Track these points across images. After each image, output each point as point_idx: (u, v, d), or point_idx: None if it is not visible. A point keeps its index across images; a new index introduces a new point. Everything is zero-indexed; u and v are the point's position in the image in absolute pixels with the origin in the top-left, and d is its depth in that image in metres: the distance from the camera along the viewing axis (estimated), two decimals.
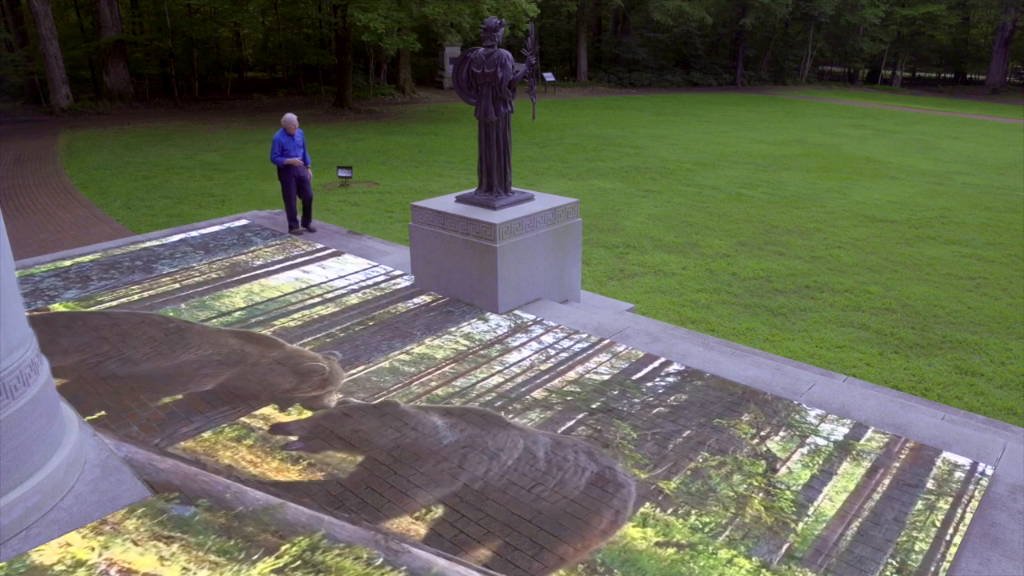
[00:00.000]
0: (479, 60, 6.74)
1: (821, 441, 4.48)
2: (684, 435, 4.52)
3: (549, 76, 36.17)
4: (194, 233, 8.52)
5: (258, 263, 7.56)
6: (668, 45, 43.56)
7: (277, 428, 4.64)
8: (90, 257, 7.67)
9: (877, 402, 5.25)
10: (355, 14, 21.65)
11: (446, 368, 5.36)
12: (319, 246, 8.15)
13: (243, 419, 4.74)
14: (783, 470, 4.19)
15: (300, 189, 9.34)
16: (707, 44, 44.63)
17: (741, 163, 18.43)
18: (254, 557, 3.49)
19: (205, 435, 4.55)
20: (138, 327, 6.04)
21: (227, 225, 8.88)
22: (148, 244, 8.15)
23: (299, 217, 9.70)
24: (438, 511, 3.81)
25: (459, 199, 7.32)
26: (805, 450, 4.39)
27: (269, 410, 4.84)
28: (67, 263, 7.48)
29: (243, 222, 8.91)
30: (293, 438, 4.50)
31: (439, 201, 7.41)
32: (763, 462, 4.26)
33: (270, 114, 26.05)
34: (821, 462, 4.27)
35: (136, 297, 6.65)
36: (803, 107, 33.20)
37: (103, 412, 4.76)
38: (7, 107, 25.61)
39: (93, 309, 6.31)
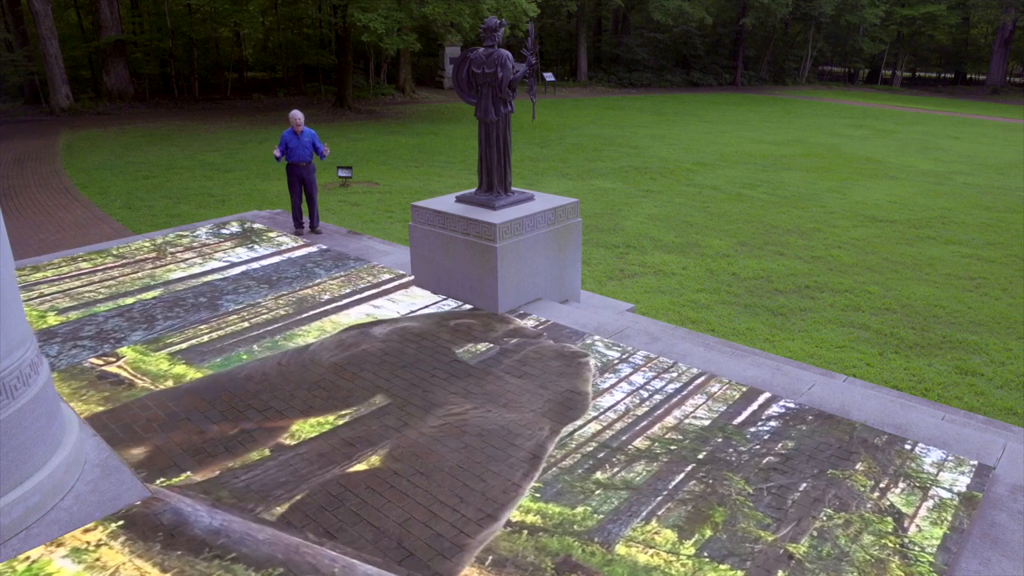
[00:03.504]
0: (479, 60, 6.74)
1: (945, 493, 4.20)
2: (801, 488, 4.23)
3: (549, 76, 36.18)
4: (255, 265, 8.11)
5: (325, 297, 7.22)
6: (668, 45, 43.57)
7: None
8: (153, 294, 7.27)
9: (877, 402, 5.25)
10: (355, 14, 21.66)
11: None
12: (385, 277, 7.77)
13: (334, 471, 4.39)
14: (912, 528, 3.90)
15: (304, 188, 9.36)
16: (707, 44, 44.62)
17: (741, 163, 18.43)
18: None
19: (299, 496, 4.18)
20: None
21: (288, 256, 8.49)
22: (210, 278, 7.72)
23: (305, 219, 9.73)
24: None
25: (459, 199, 7.33)
26: (930, 504, 4.11)
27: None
28: (130, 301, 7.09)
29: (304, 252, 8.49)
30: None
31: (439, 201, 7.41)
32: (890, 519, 3.97)
33: (270, 114, 26.06)
34: (950, 519, 3.99)
35: (206, 338, 6.24)
36: (803, 107, 33.20)
37: (188, 473, 4.37)
38: (7, 107, 25.61)
39: (164, 353, 5.99)
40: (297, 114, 8.98)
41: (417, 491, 4.21)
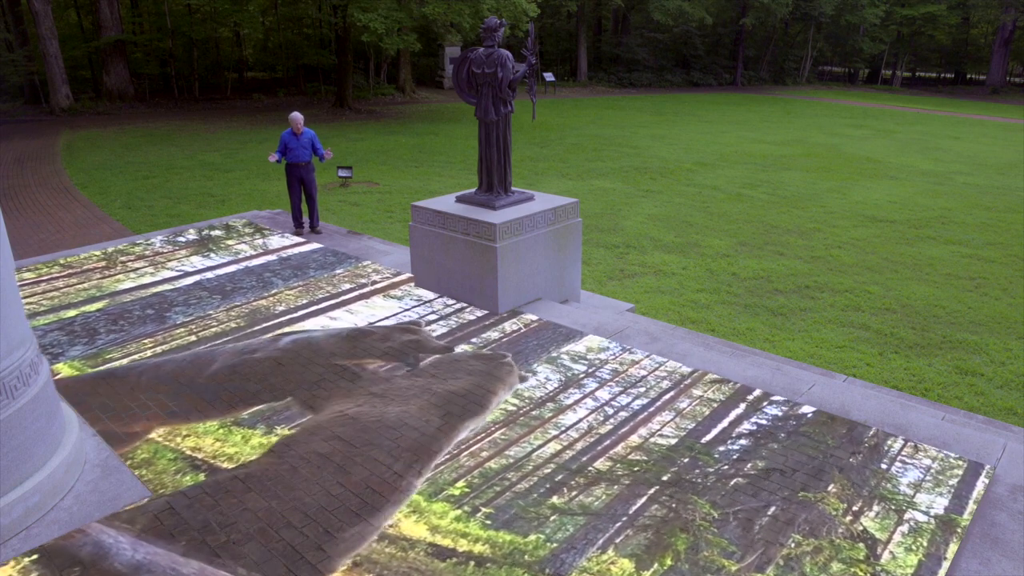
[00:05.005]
0: (479, 60, 6.74)
1: (921, 516, 3.98)
2: (769, 513, 4.00)
3: (549, 76, 36.17)
4: (209, 275, 7.83)
5: (280, 309, 6.88)
6: (668, 45, 43.57)
7: None
8: (97, 306, 6.91)
9: (877, 402, 5.25)
10: (355, 14, 21.66)
11: (496, 434, 4.78)
12: (345, 287, 7.48)
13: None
14: (886, 555, 3.69)
15: (304, 188, 9.37)
16: (707, 44, 44.63)
17: (741, 163, 18.43)
18: None
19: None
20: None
21: (244, 265, 8.19)
22: (160, 289, 7.42)
23: (305, 219, 9.74)
24: None
25: (459, 199, 7.33)
26: (905, 528, 3.89)
27: None
28: (72, 313, 6.75)
29: (262, 261, 8.27)
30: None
31: (439, 201, 7.41)
32: (862, 546, 3.75)
33: (270, 114, 26.05)
34: (926, 544, 3.77)
35: (148, 352, 5.96)
36: (803, 107, 33.20)
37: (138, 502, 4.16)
38: (7, 107, 25.60)
39: (101, 369, 5.69)
40: (297, 116, 9.04)
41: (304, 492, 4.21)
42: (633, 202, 13.92)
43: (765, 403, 5.22)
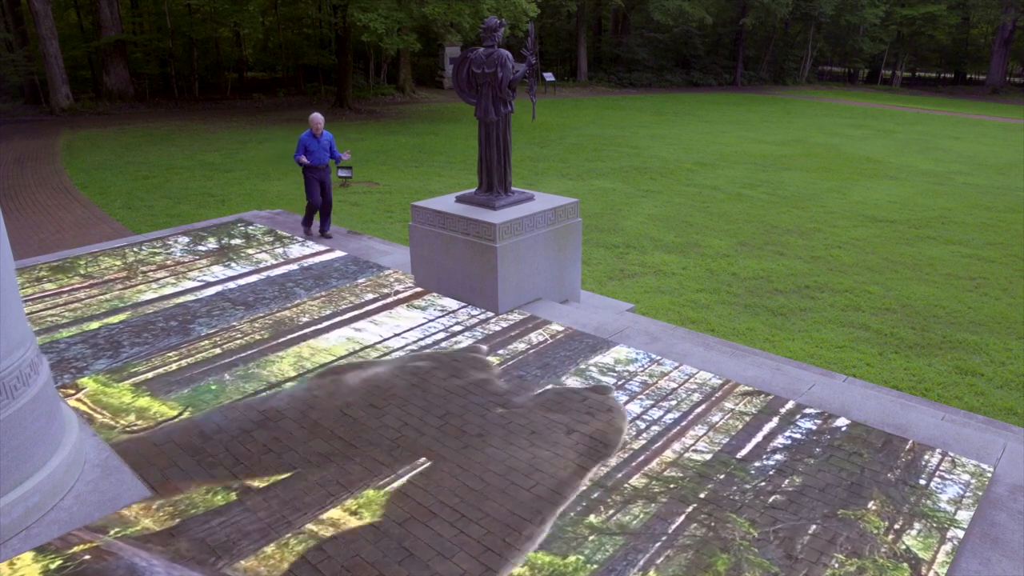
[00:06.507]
0: (479, 60, 6.74)
1: (963, 535, 3.91)
2: (810, 531, 3.91)
3: (549, 76, 36.17)
4: (231, 285, 7.71)
5: (304, 320, 6.76)
6: (668, 45, 43.59)
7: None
8: (120, 318, 6.82)
9: (877, 402, 5.25)
10: (355, 14, 21.67)
11: None
12: (368, 297, 7.35)
13: (310, 525, 3.98)
14: None
15: (322, 192, 9.29)
16: (707, 44, 44.64)
17: (741, 163, 18.43)
18: None
19: (268, 549, 3.77)
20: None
21: (266, 274, 8.05)
22: (182, 300, 7.32)
23: (316, 221, 9.68)
24: None
25: (459, 199, 7.33)
26: (949, 547, 3.80)
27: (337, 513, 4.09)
28: (95, 325, 6.65)
29: (284, 271, 8.12)
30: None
31: (439, 201, 7.41)
32: (906, 566, 3.67)
33: (270, 114, 26.06)
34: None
35: (174, 366, 5.85)
36: (803, 107, 33.20)
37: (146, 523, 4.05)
38: (7, 107, 25.60)
39: (128, 383, 5.59)
40: (317, 117, 8.87)
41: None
42: (633, 202, 13.92)
43: (798, 416, 5.08)
